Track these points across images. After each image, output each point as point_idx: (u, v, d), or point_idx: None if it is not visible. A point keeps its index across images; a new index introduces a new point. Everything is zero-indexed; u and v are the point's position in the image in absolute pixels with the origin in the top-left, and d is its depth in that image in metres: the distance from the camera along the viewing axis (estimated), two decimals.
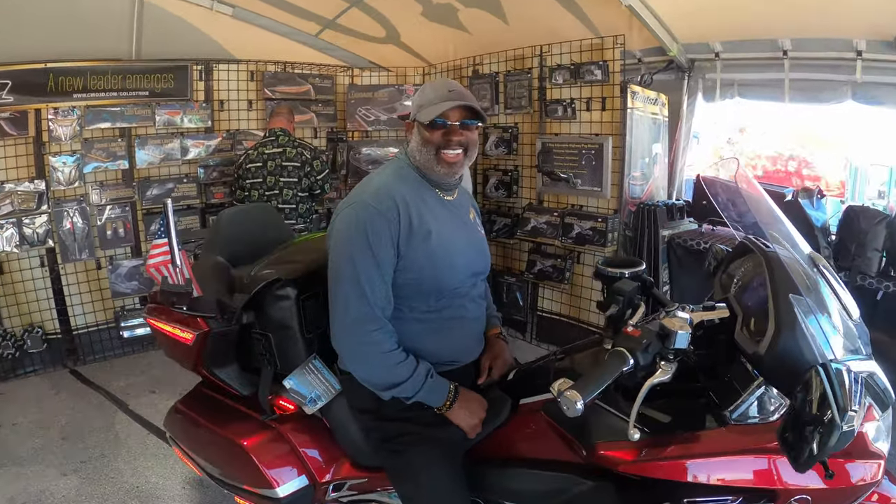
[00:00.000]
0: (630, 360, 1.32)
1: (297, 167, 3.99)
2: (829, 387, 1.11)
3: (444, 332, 1.74)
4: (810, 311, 1.34)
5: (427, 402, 1.66)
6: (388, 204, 1.62)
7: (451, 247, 1.70)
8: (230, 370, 2.11)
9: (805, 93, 3.58)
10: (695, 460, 1.38)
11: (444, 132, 1.67)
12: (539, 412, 1.68)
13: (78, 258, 4.29)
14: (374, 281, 1.60)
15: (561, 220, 4.16)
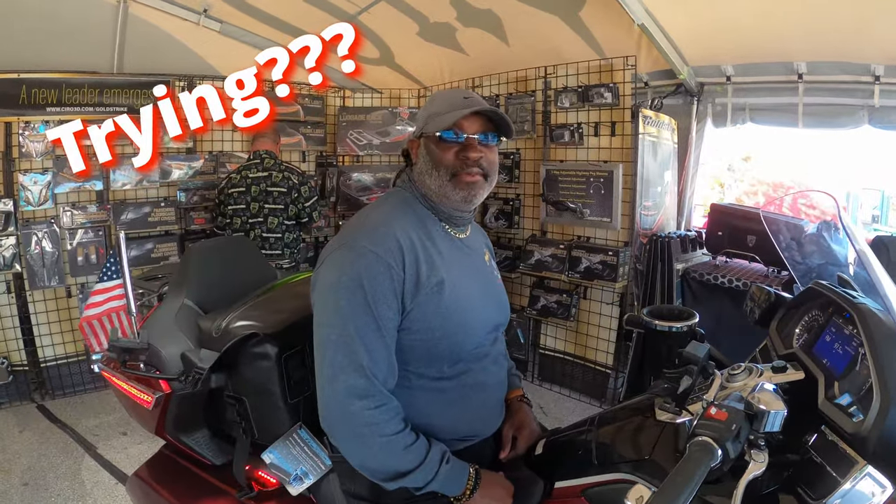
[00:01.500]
0: (718, 451, 0.98)
1: (283, 193, 3.70)
2: None
3: (461, 403, 1.39)
4: None
5: (442, 491, 1.30)
6: (389, 247, 1.26)
7: (466, 299, 1.35)
8: (199, 437, 1.73)
9: (819, 118, 3.37)
10: None
11: (458, 149, 1.33)
12: (580, 497, 1.32)
13: (47, 285, 3.92)
14: (373, 345, 1.24)
15: (567, 252, 3.85)
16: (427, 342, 1.30)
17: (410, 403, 1.32)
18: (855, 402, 1.12)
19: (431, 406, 1.35)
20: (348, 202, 4.75)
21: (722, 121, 3.68)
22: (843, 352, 1.21)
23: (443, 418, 1.37)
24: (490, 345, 1.44)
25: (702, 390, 1.27)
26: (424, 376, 1.34)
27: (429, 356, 1.32)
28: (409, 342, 1.30)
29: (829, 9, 2.84)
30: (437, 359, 1.33)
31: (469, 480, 1.32)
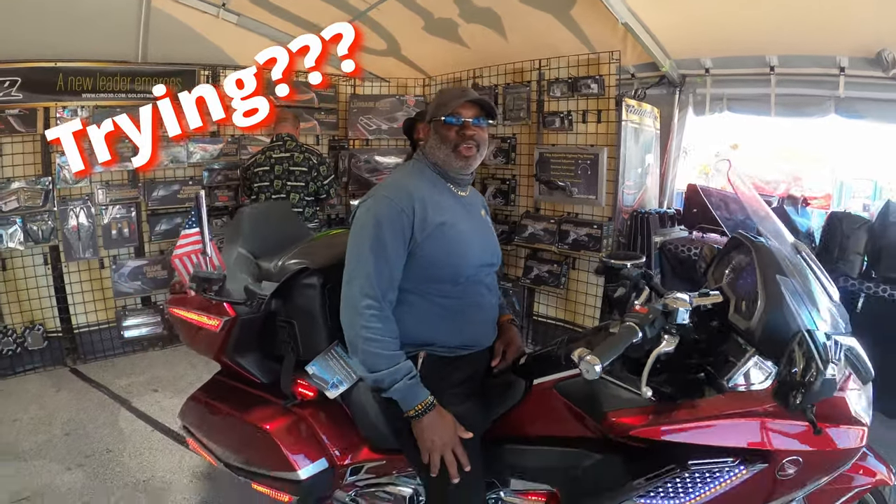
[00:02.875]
0: (639, 332, 1.49)
1: (304, 172, 4.15)
2: (812, 346, 1.32)
3: (463, 317, 1.89)
4: (795, 291, 1.54)
5: (400, 400, 1.74)
6: (404, 197, 1.78)
7: (463, 236, 1.86)
8: (252, 358, 2.25)
9: (790, 107, 3.81)
10: (696, 424, 1.55)
11: (458, 129, 1.84)
12: (552, 390, 1.83)
13: (81, 257, 4.39)
14: (381, 266, 1.75)
15: (557, 226, 4.35)
16: (434, 266, 1.81)
17: (425, 316, 1.84)
18: (748, 310, 1.62)
19: (440, 318, 1.85)
20: (359, 182, 5.24)
21: (701, 109, 4.16)
22: (750, 280, 1.70)
23: (448, 329, 1.87)
24: (483, 276, 1.94)
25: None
26: (435, 293, 1.84)
27: (436, 277, 1.82)
28: (421, 266, 1.80)
29: (798, 5, 3.24)
30: (441, 280, 1.83)
31: (424, 404, 1.74)
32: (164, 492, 2.95)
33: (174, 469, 3.14)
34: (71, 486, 2.99)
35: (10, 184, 4.09)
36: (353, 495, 2.20)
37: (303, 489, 2.11)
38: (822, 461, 1.57)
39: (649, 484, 1.61)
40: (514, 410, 1.90)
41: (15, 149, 4.15)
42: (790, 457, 1.52)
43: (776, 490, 1.57)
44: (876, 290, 3.28)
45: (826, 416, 1.50)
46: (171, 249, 4.42)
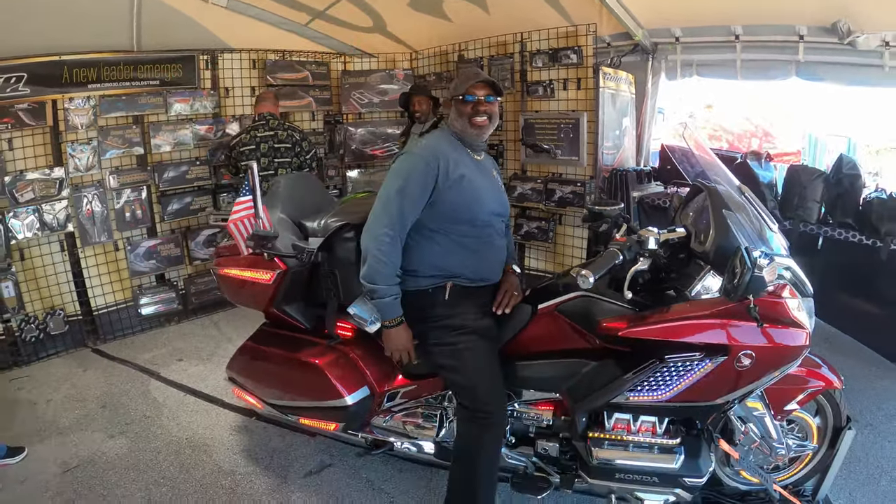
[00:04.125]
0: (620, 255, 2.05)
1: (288, 148, 4.59)
2: (746, 255, 1.87)
3: (479, 254, 2.42)
4: (738, 221, 2.10)
5: (382, 310, 2.36)
6: (431, 155, 2.31)
7: (478, 189, 2.39)
8: (297, 306, 2.79)
9: (755, 71, 4.31)
10: (668, 324, 2.11)
11: (473, 105, 2.37)
12: (554, 313, 2.40)
13: (97, 241, 4.78)
14: (403, 208, 2.27)
15: (544, 186, 4.92)
16: (455, 210, 2.34)
17: (443, 249, 2.37)
18: (704, 238, 2.18)
19: (456, 252, 2.38)
20: (354, 154, 5.75)
21: (673, 74, 4.69)
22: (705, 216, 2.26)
23: (467, 263, 2.40)
24: (495, 222, 2.47)
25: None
26: (455, 232, 2.37)
27: (457, 219, 2.36)
28: (444, 210, 2.33)
29: None
30: (461, 221, 2.36)
31: (396, 320, 2.36)
32: (207, 446, 3.35)
33: (212, 426, 3.57)
34: (117, 451, 3.34)
35: (25, 175, 4.42)
36: (389, 419, 2.75)
37: (349, 414, 2.64)
38: (772, 356, 2.08)
39: (636, 378, 2.17)
40: (522, 332, 2.45)
41: (26, 142, 4.45)
42: (744, 350, 2.05)
43: (738, 380, 2.11)
44: (832, 234, 3.84)
45: (770, 317, 2.04)
46: (181, 228, 5.00)
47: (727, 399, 2.17)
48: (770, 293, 2.07)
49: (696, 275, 2.22)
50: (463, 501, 2.39)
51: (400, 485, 2.96)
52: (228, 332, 4.96)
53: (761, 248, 2.05)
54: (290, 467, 3.13)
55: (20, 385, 4.23)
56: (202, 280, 5.32)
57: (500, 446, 2.40)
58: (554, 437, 2.51)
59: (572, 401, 2.35)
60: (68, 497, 2.98)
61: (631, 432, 2.33)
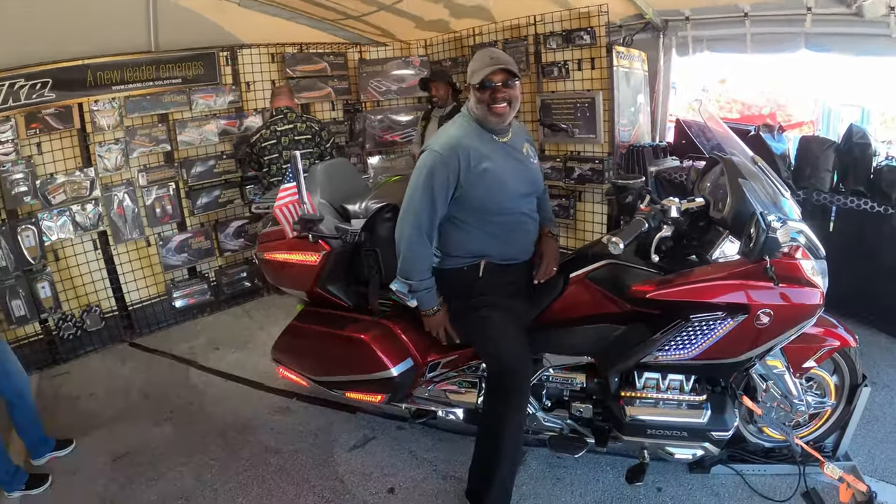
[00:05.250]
0: (645, 223, 2.28)
1: (309, 139, 4.77)
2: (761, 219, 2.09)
3: (504, 238, 2.60)
4: (752, 188, 2.30)
5: (420, 302, 2.60)
6: (450, 152, 2.43)
7: (503, 178, 2.53)
8: (341, 285, 3.03)
9: (764, 44, 4.42)
10: (692, 286, 2.33)
11: (491, 91, 2.43)
12: (585, 280, 2.63)
13: (129, 238, 5.02)
14: (425, 210, 2.44)
15: (563, 164, 5.13)
16: (480, 202, 2.50)
17: (473, 237, 2.57)
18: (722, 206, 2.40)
19: (486, 239, 2.57)
20: (374, 141, 5.99)
21: (684, 51, 4.85)
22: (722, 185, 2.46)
23: (497, 246, 2.59)
24: (524, 206, 2.63)
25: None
26: (483, 221, 2.55)
27: (483, 210, 2.53)
28: (469, 204, 2.50)
29: None
30: (486, 212, 2.53)
31: (434, 308, 2.61)
32: (252, 428, 3.56)
33: (255, 409, 3.78)
34: (164, 438, 3.55)
35: (56, 178, 4.65)
36: (431, 388, 2.99)
37: (394, 385, 2.87)
38: (789, 314, 2.30)
39: (664, 338, 2.40)
40: (555, 301, 2.68)
41: (55, 145, 4.68)
42: (763, 309, 2.27)
43: (758, 338, 2.33)
44: (845, 202, 4.00)
45: (785, 277, 2.25)
46: (210, 221, 5.27)
47: (748, 356, 2.38)
48: (785, 255, 2.29)
49: (716, 240, 2.44)
50: (487, 465, 2.56)
51: (441, 454, 3.19)
52: (261, 320, 5.19)
53: (775, 213, 2.25)
54: (335, 443, 3.36)
55: (61, 382, 4.44)
56: (233, 271, 5.57)
57: (523, 414, 2.59)
58: (587, 400, 2.75)
59: (605, 363, 2.60)
60: (120, 484, 3.18)
61: (660, 390, 2.57)
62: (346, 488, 3.01)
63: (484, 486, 2.56)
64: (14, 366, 3.30)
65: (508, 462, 2.55)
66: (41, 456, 3.41)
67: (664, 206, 2.36)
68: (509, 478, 2.58)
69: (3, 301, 4.44)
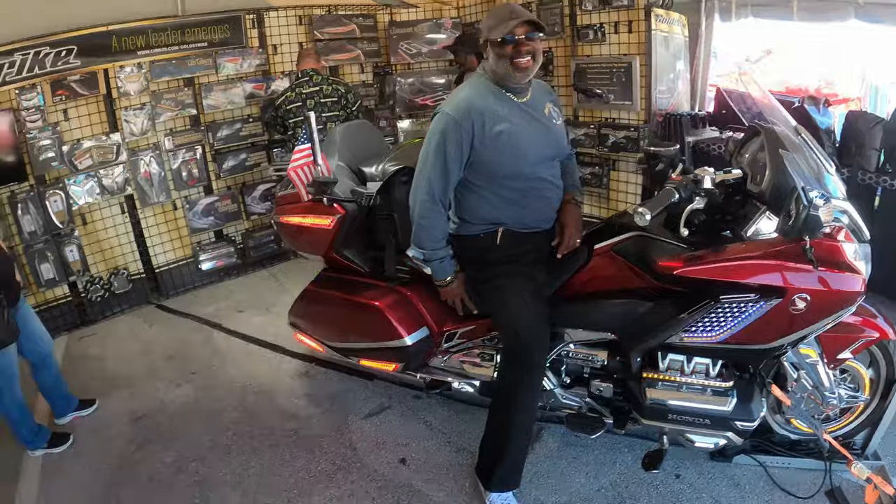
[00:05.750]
0: (676, 193, 2.11)
1: (335, 102, 4.67)
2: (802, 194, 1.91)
3: (521, 205, 2.46)
4: (794, 161, 2.11)
5: (434, 271, 2.53)
6: (463, 114, 2.28)
7: (520, 140, 2.37)
8: (356, 249, 2.95)
9: (812, 13, 4.15)
10: (723, 264, 2.17)
11: (513, 46, 2.25)
12: (609, 252, 2.47)
13: (155, 202, 5.04)
14: (438, 176, 2.34)
15: (597, 131, 4.93)
16: (496, 167, 2.37)
17: (489, 203, 2.43)
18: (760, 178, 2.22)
19: (502, 205, 2.44)
20: (405, 104, 5.86)
21: (727, 16, 4.57)
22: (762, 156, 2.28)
23: (509, 213, 2.45)
24: (544, 170, 2.46)
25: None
26: (499, 186, 2.41)
27: (497, 175, 2.39)
28: (483, 169, 2.37)
29: None
30: (502, 177, 2.40)
31: (447, 277, 2.52)
32: (270, 392, 3.59)
33: (274, 373, 3.81)
34: (184, 399, 3.62)
35: (82, 144, 4.68)
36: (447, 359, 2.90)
37: (409, 354, 2.81)
38: (827, 300, 2.11)
39: (691, 318, 2.25)
40: (578, 273, 2.54)
41: (81, 111, 4.70)
42: (799, 293, 2.09)
43: (792, 324, 2.16)
44: (892, 183, 3.75)
45: (825, 260, 2.06)
46: (237, 184, 5.25)
47: (781, 343, 2.22)
48: (826, 236, 2.10)
49: (752, 216, 2.26)
50: (497, 440, 2.50)
51: (456, 426, 3.13)
52: (286, 283, 5.18)
53: (818, 189, 2.07)
54: (351, 410, 3.34)
55: (89, 343, 4.55)
56: (259, 234, 5.55)
57: (538, 388, 2.49)
58: (608, 378, 2.62)
59: (627, 341, 2.45)
60: (138, 444, 3.25)
61: (684, 374, 2.42)
62: (357, 457, 2.99)
63: (494, 462, 2.49)
64: (38, 329, 3.32)
65: (520, 438, 2.46)
66: (64, 415, 3.49)
67: (697, 175, 2.18)
68: (520, 454, 2.50)
69: (33, 264, 4.53)
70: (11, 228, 4.46)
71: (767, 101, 2.50)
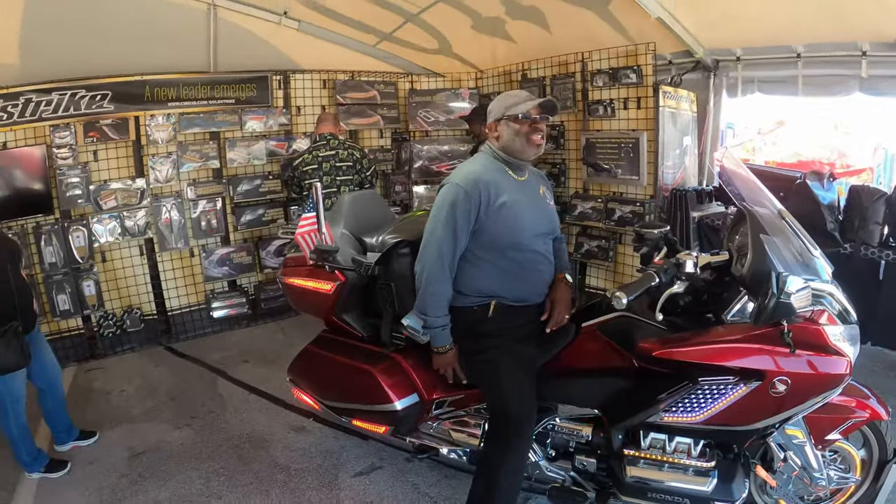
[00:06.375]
0: (656, 277, 2.17)
1: (350, 166, 4.80)
2: (775, 281, 1.96)
3: (516, 277, 2.55)
4: (775, 245, 2.16)
5: (432, 338, 2.57)
6: (472, 185, 2.43)
7: (520, 212, 2.49)
8: (354, 315, 3.01)
9: (817, 87, 4.26)
10: (701, 347, 2.20)
11: (531, 123, 2.47)
12: (595, 331, 2.53)
13: (174, 247, 5.21)
14: (448, 244, 2.43)
15: (604, 205, 5.01)
16: (497, 237, 2.47)
17: (485, 274, 2.52)
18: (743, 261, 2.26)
19: (498, 277, 2.53)
20: (420, 170, 6.00)
21: (734, 92, 4.68)
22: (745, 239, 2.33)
23: (504, 285, 2.53)
24: (539, 245, 2.57)
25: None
26: (494, 256, 2.51)
27: (499, 245, 2.49)
28: (486, 238, 2.47)
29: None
30: (502, 247, 2.50)
31: (445, 347, 2.57)
32: (265, 442, 3.63)
33: (272, 424, 3.84)
34: (182, 441, 3.67)
35: (108, 185, 4.91)
36: (436, 426, 2.93)
37: (398, 418, 2.82)
38: (809, 383, 2.13)
39: (671, 398, 2.28)
40: (567, 349, 2.59)
41: (110, 154, 4.95)
42: (779, 376, 2.11)
43: (774, 406, 2.16)
44: (895, 257, 3.78)
45: (806, 344, 2.10)
46: (253, 238, 5.43)
47: (763, 425, 2.22)
48: (807, 319, 2.14)
49: (734, 299, 2.31)
50: None
51: (444, 490, 3.12)
52: (293, 337, 5.22)
53: (801, 273, 2.11)
54: (342, 467, 3.35)
55: (96, 376, 4.68)
56: (271, 287, 5.67)
57: (523, 461, 2.50)
58: (593, 453, 2.62)
59: (609, 418, 2.48)
60: (132, 479, 3.32)
61: (666, 452, 2.42)
62: None
63: None
64: (48, 357, 3.49)
65: None
66: (64, 443, 3.63)
67: (679, 259, 2.24)
68: None
69: (50, 294, 4.71)
70: (33, 258, 4.65)
71: (750, 182, 2.57)
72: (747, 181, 2.53)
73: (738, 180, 2.55)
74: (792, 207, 2.49)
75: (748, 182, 2.53)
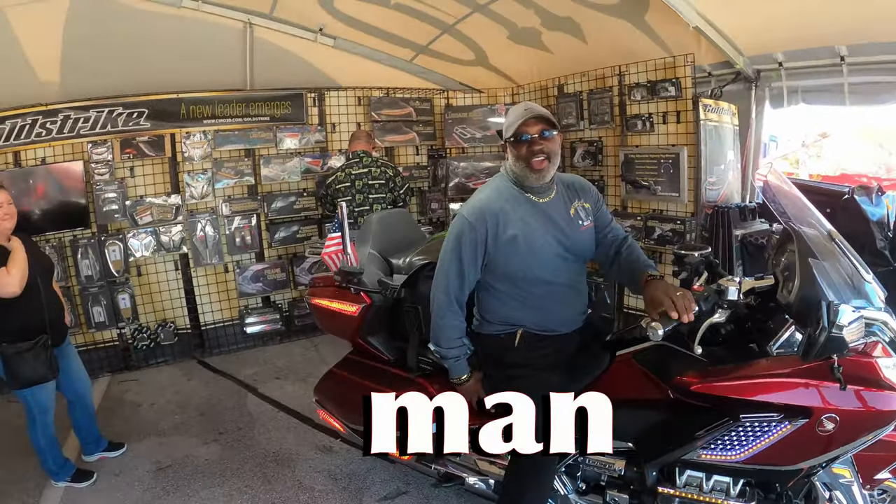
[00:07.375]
0: (695, 306, 2.01)
1: (382, 184, 4.77)
2: (825, 312, 1.78)
3: (539, 308, 2.42)
4: (824, 271, 1.99)
5: (449, 369, 2.50)
6: (478, 218, 2.29)
7: (534, 243, 2.32)
8: (380, 338, 2.94)
9: (863, 95, 3.99)
10: (743, 381, 2.04)
11: (528, 145, 2.25)
12: (631, 359, 2.38)
13: (208, 263, 5.25)
14: (457, 271, 2.34)
15: (644, 223, 4.83)
16: (509, 269, 2.34)
17: (506, 304, 2.41)
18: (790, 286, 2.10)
19: (520, 308, 2.41)
20: (457, 187, 5.91)
21: (778, 102, 4.42)
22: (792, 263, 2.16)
23: (528, 316, 2.42)
24: (563, 274, 2.41)
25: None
26: (513, 289, 2.39)
27: (513, 277, 2.37)
28: (498, 271, 2.36)
29: None
30: (517, 280, 2.37)
31: (462, 377, 2.48)
32: (291, 461, 3.61)
33: (299, 444, 3.81)
34: (208, 457, 3.68)
35: (144, 201, 4.99)
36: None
37: None
38: (860, 420, 1.95)
39: (709, 435, 2.11)
40: (600, 378, 2.43)
41: (146, 170, 5.05)
42: (827, 413, 1.93)
43: (821, 445, 1.98)
44: None
45: (858, 378, 1.91)
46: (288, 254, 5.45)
47: (809, 465, 2.05)
48: (859, 353, 1.95)
49: (781, 328, 2.14)
50: None
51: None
52: (326, 354, 5.21)
53: (853, 301, 1.94)
54: (367, 490, 3.29)
55: (128, 387, 4.77)
56: (304, 304, 5.58)
57: (546, 493, 2.39)
58: (625, 489, 2.45)
59: (643, 453, 2.32)
60: (156, 493, 3.36)
61: (703, 491, 2.24)
62: None
63: None
64: (77, 370, 3.56)
65: None
66: (92, 454, 3.71)
67: (721, 286, 2.07)
68: None
69: (86, 306, 4.81)
70: (70, 270, 4.76)
71: (797, 200, 2.38)
72: (793, 198, 2.35)
73: (784, 197, 2.38)
74: (840, 225, 2.33)
75: (794, 199, 2.35)
